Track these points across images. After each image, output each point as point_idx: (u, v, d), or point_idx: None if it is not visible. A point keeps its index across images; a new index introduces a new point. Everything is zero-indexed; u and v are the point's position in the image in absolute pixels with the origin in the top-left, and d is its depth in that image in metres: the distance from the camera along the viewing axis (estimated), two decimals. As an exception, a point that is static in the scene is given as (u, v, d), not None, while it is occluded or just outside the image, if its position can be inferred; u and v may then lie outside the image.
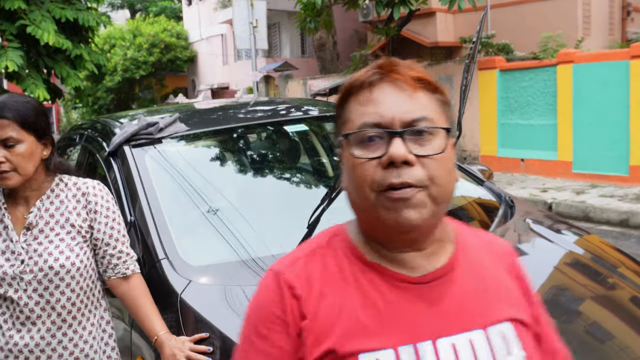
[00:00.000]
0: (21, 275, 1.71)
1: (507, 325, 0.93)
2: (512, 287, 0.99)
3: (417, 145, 0.87)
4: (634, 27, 16.04)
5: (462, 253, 0.97)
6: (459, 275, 0.94)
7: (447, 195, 0.90)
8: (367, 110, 0.90)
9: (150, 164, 2.38)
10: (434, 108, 0.91)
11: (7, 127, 1.68)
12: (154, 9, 32.57)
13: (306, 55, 22.74)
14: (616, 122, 8.20)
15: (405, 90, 0.89)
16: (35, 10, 7.73)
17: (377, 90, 0.90)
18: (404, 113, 0.88)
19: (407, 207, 0.86)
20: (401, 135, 0.87)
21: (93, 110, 25.93)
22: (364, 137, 0.89)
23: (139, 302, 1.83)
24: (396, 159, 0.85)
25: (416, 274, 0.92)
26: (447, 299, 0.91)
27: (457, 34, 15.63)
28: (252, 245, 2.09)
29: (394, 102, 0.89)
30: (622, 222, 6.77)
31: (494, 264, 1.00)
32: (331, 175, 3.09)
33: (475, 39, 2.13)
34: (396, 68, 0.91)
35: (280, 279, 0.93)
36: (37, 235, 1.75)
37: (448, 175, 0.90)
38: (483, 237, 1.06)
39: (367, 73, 0.92)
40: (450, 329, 0.89)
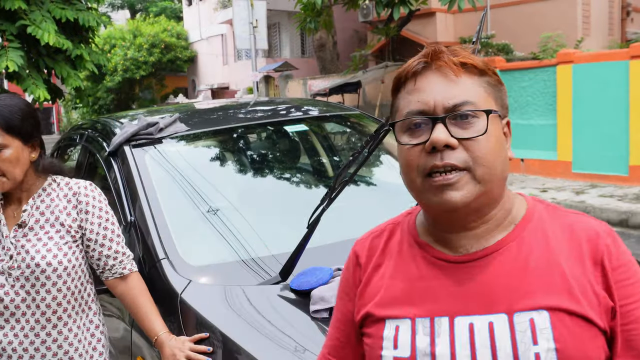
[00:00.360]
0: (9, 270, 1.72)
1: (543, 314, 0.88)
2: (576, 275, 0.90)
3: (460, 129, 0.91)
4: (634, 27, 16.04)
5: (518, 235, 0.94)
6: (501, 257, 0.93)
7: (495, 175, 0.92)
8: (412, 98, 0.95)
9: (150, 164, 2.38)
10: (478, 91, 0.93)
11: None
12: (154, 9, 32.57)
13: (306, 55, 22.74)
14: (616, 122, 8.20)
15: (448, 76, 0.93)
16: (35, 11, 7.73)
17: (422, 79, 0.94)
18: (446, 99, 0.92)
19: (451, 189, 0.89)
20: (443, 120, 0.91)
21: (93, 110, 25.94)
22: (410, 124, 0.94)
23: (138, 301, 1.83)
24: (437, 143, 0.89)
25: (457, 253, 0.96)
26: (478, 280, 0.93)
27: (457, 34, 15.63)
28: (252, 245, 2.09)
29: (436, 88, 0.93)
30: (621, 222, 6.78)
31: (563, 249, 0.92)
32: (331, 175, 3.09)
33: (475, 39, 2.13)
34: (440, 55, 0.94)
35: (353, 249, 1.09)
36: (27, 233, 1.75)
37: (494, 155, 0.91)
38: (568, 219, 0.96)
39: (413, 63, 0.96)
40: (471, 309, 0.91)
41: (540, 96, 9.31)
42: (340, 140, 4.40)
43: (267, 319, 1.72)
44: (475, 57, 0.96)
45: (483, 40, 11.13)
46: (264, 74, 17.09)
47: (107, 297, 2.08)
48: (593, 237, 0.92)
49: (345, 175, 1.92)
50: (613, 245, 0.92)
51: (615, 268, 0.90)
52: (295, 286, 1.83)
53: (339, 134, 4.53)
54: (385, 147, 2.89)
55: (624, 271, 0.90)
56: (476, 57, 0.97)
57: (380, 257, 1.03)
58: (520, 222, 0.96)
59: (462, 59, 0.94)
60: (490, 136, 0.91)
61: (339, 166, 2.90)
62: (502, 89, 0.98)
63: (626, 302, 0.89)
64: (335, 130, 3.64)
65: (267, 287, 1.89)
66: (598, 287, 0.89)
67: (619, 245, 0.93)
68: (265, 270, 1.98)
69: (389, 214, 1.15)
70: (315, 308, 1.72)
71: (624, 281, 0.90)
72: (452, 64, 0.93)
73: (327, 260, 1.93)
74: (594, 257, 0.91)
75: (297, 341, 1.62)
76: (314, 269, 1.87)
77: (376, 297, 1.00)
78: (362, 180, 2.84)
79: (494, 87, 0.96)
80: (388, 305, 0.98)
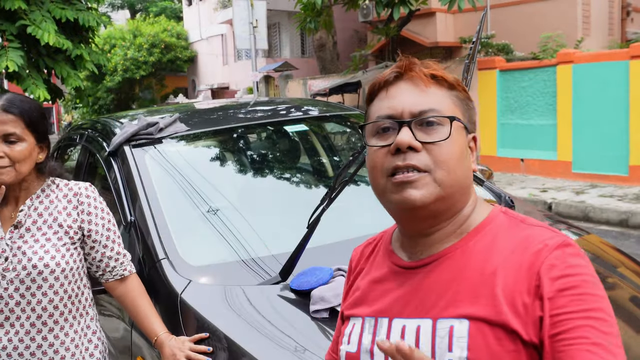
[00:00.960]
0: (3, 272, 1.68)
1: (464, 322, 0.89)
2: (508, 285, 0.88)
3: (425, 134, 0.95)
4: (634, 27, 16.04)
5: (465, 244, 0.96)
6: (443, 265, 0.96)
7: (455, 181, 0.95)
8: (382, 104, 1.00)
9: (150, 164, 2.38)
10: (446, 102, 0.98)
11: (13, 122, 1.67)
12: (154, 9, 32.57)
13: (306, 55, 22.74)
14: (616, 122, 8.21)
15: (418, 86, 0.98)
16: (35, 11, 7.73)
17: (394, 88, 1.00)
18: (414, 105, 0.97)
19: (411, 187, 0.93)
20: (409, 124, 0.95)
21: (93, 110, 25.93)
22: (378, 128, 0.99)
23: (138, 302, 1.82)
24: (401, 144, 0.94)
25: (410, 260, 1.01)
26: (419, 285, 0.97)
27: (457, 34, 15.63)
28: (252, 245, 2.09)
29: (406, 96, 0.98)
30: (621, 222, 6.77)
31: (505, 259, 0.91)
32: (331, 175, 3.09)
33: (475, 39, 2.14)
34: (413, 66, 0.99)
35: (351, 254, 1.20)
36: (24, 234, 1.72)
37: (456, 161, 0.95)
38: (526, 232, 0.94)
39: (387, 73, 1.01)
40: (407, 312, 0.97)
41: (540, 96, 9.31)
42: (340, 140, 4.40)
43: (267, 319, 1.72)
44: (445, 72, 1.00)
45: (483, 40, 11.13)
46: (264, 74, 17.09)
47: (106, 297, 2.07)
48: (538, 248, 0.90)
49: (345, 175, 1.92)
50: (561, 257, 0.88)
51: (555, 278, 0.86)
52: (295, 286, 1.83)
53: (339, 134, 4.53)
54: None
55: (565, 282, 0.86)
56: (446, 73, 1.01)
57: (364, 263, 1.13)
58: (472, 231, 0.98)
59: (433, 71, 0.99)
60: (454, 144, 0.96)
61: (339, 166, 2.90)
62: (471, 105, 1.03)
63: (558, 313, 0.84)
64: (335, 130, 3.64)
65: (267, 287, 1.89)
66: (529, 298, 0.86)
67: (570, 259, 0.88)
68: (265, 270, 1.98)
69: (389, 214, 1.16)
70: (315, 308, 1.72)
71: (562, 291, 0.85)
72: (423, 75, 0.98)
73: (327, 260, 1.93)
74: (532, 267, 0.88)
75: (297, 341, 1.62)
76: (314, 269, 1.87)
77: (350, 299, 1.10)
78: (362, 180, 2.84)
79: (462, 101, 1.01)
80: (353, 306, 1.08)
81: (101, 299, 2.17)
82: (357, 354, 1.00)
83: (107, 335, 1.99)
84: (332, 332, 1.67)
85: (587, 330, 0.82)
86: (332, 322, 1.69)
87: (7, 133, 1.66)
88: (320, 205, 1.88)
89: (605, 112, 8.33)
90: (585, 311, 0.84)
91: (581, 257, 0.90)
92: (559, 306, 0.84)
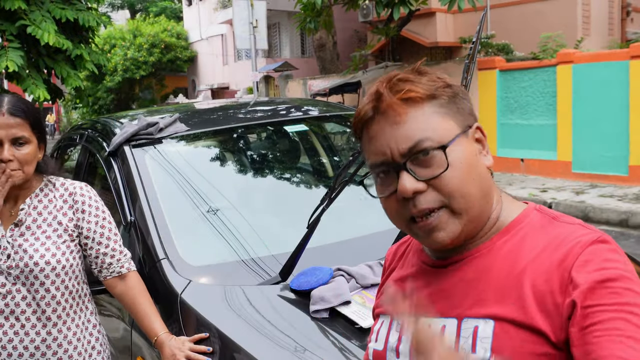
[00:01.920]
0: (8, 270, 1.73)
1: (489, 322, 0.87)
2: (538, 285, 0.84)
3: (424, 168, 0.90)
4: (634, 27, 16.04)
5: (493, 243, 0.94)
6: (470, 264, 0.94)
7: (473, 201, 0.91)
8: (370, 149, 0.94)
9: (150, 164, 2.38)
10: (431, 121, 0.90)
11: (21, 126, 1.70)
12: (154, 9, 32.57)
13: (306, 55, 22.74)
14: (616, 122, 8.20)
15: (394, 118, 0.90)
16: (35, 11, 7.73)
17: (373, 125, 0.93)
18: (399, 144, 0.90)
19: (436, 231, 0.91)
20: (404, 167, 0.90)
21: (93, 110, 25.93)
22: (378, 175, 0.95)
23: (138, 301, 1.83)
24: (405, 194, 0.90)
25: (439, 258, 1.00)
26: (445, 284, 0.96)
27: (457, 34, 15.63)
28: (252, 245, 2.09)
29: (387, 135, 0.91)
30: (621, 222, 6.77)
31: (536, 259, 0.87)
32: (331, 175, 3.09)
33: (475, 39, 2.13)
34: (382, 97, 0.91)
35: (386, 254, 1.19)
36: (24, 232, 1.76)
37: (465, 183, 0.90)
38: (559, 229, 0.90)
39: (363, 109, 0.94)
40: (433, 311, 0.94)
41: (540, 96, 9.31)
42: (340, 140, 4.39)
43: (267, 319, 1.72)
44: (418, 84, 0.91)
45: (483, 40, 11.13)
46: (264, 74, 17.09)
47: (106, 297, 2.07)
48: (571, 245, 0.85)
49: (345, 175, 1.92)
50: (596, 252, 0.84)
51: (589, 272, 0.81)
52: (295, 286, 1.83)
53: (339, 134, 4.53)
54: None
55: (600, 275, 0.81)
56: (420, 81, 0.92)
57: (396, 262, 1.13)
58: (502, 230, 0.95)
59: (403, 95, 0.90)
60: (457, 165, 0.89)
61: (339, 166, 2.90)
62: (459, 100, 0.94)
63: (591, 304, 0.79)
64: (335, 130, 3.64)
65: (267, 287, 1.89)
66: (561, 297, 0.82)
67: (606, 254, 0.84)
68: (265, 270, 1.98)
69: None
70: (315, 308, 1.72)
71: (597, 284, 0.80)
72: (395, 105, 0.90)
73: (327, 260, 1.93)
74: (564, 264, 0.84)
75: (297, 341, 1.62)
76: (314, 269, 1.87)
77: (382, 295, 1.12)
78: (362, 180, 2.83)
79: (449, 104, 0.92)
80: (383, 304, 1.08)
81: (101, 299, 2.18)
82: (383, 351, 1.00)
83: (107, 335, 1.99)
84: (332, 332, 1.67)
85: (621, 322, 0.77)
86: (332, 322, 1.70)
87: (17, 137, 1.70)
88: (320, 205, 1.88)
89: (605, 112, 8.32)
90: (620, 304, 0.79)
91: (618, 253, 0.85)
92: (593, 298, 0.80)
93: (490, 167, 0.96)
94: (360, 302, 1.76)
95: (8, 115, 1.69)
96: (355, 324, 1.66)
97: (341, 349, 1.60)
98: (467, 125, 0.94)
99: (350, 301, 1.75)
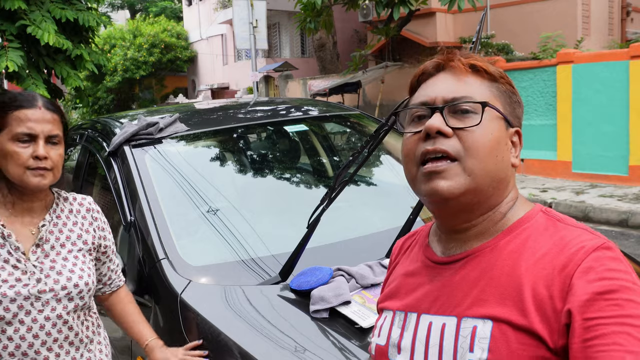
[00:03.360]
0: (38, 294, 1.52)
1: (487, 323, 0.86)
2: (538, 289, 0.84)
3: (457, 121, 0.93)
4: (634, 27, 16.04)
5: (497, 243, 0.93)
6: (473, 263, 0.94)
7: (486, 172, 0.92)
8: (420, 94, 1.00)
9: (150, 164, 2.38)
10: (483, 92, 0.96)
11: (57, 123, 1.56)
12: (154, 9, 32.57)
13: (306, 55, 22.74)
14: (616, 122, 8.20)
15: (456, 75, 0.97)
16: (35, 11, 7.73)
17: (432, 79, 1.00)
18: (448, 92, 0.95)
19: (439, 178, 0.91)
20: (441, 110, 0.94)
21: (93, 110, 25.92)
22: (413, 116, 0.99)
23: (127, 310, 1.81)
24: (430, 129, 0.92)
25: (443, 255, 0.99)
26: (448, 282, 0.96)
27: (457, 34, 15.63)
28: (252, 245, 2.09)
29: (442, 85, 0.97)
30: (621, 222, 6.77)
31: (538, 261, 0.87)
32: (331, 175, 3.09)
33: (475, 39, 2.13)
34: (452, 57, 0.99)
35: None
36: (49, 253, 1.58)
37: (488, 151, 0.92)
38: (563, 232, 0.90)
39: (427, 65, 1.01)
40: (435, 308, 0.95)
41: (540, 96, 9.31)
42: (340, 140, 4.40)
43: (267, 319, 1.72)
44: (488, 64, 0.98)
45: (483, 40, 11.13)
46: (264, 74, 17.09)
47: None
48: (575, 250, 0.85)
49: (345, 175, 1.92)
50: (599, 259, 0.83)
51: (591, 281, 0.80)
52: (295, 286, 1.83)
53: (339, 134, 4.53)
54: (385, 147, 2.89)
55: (601, 285, 0.80)
56: (490, 65, 0.98)
57: (401, 256, 1.13)
58: (506, 229, 0.94)
59: (472, 61, 0.97)
60: (487, 132, 0.92)
61: (339, 166, 2.90)
62: (515, 98, 0.99)
63: (592, 317, 0.78)
64: (335, 130, 3.64)
65: (267, 287, 1.89)
66: (561, 303, 0.82)
67: (609, 262, 0.83)
68: (265, 270, 1.98)
69: (389, 215, 1.16)
70: (315, 308, 1.72)
71: (598, 295, 0.79)
72: (461, 65, 0.97)
73: (327, 260, 1.93)
74: (566, 269, 0.83)
75: (297, 341, 1.62)
76: (314, 269, 1.87)
77: (385, 291, 1.11)
78: (362, 180, 2.84)
79: (504, 93, 0.98)
80: (386, 298, 1.08)
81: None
82: (385, 347, 1.00)
83: (107, 336, 1.99)
84: (332, 332, 1.67)
85: (623, 337, 0.76)
86: (332, 322, 1.70)
87: (52, 134, 1.54)
88: (320, 205, 1.88)
89: (605, 112, 8.32)
90: (622, 317, 0.78)
91: (621, 262, 0.83)
92: (594, 310, 0.79)
93: (515, 166, 0.97)
94: (360, 302, 1.76)
95: (45, 110, 1.54)
96: (355, 324, 1.66)
97: (341, 349, 1.60)
98: (512, 121, 0.98)
99: (350, 301, 1.75)
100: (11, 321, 1.50)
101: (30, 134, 1.51)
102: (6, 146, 1.51)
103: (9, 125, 1.51)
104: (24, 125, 1.51)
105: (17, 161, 1.50)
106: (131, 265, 2.11)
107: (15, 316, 1.50)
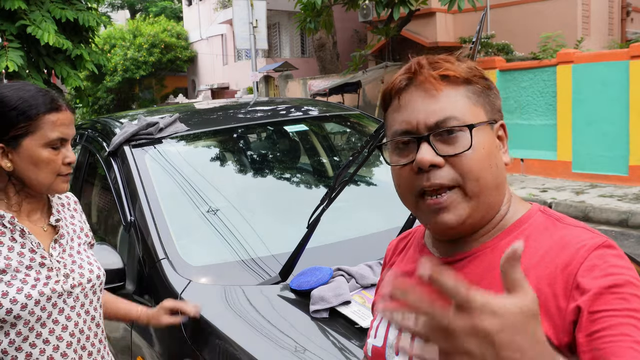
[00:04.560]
0: (70, 289, 1.47)
1: None
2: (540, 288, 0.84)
3: (446, 145, 0.90)
4: (634, 27, 16.05)
5: (496, 243, 0.93)
6: (472, 263, 0.93)
7: (486, 187, 0.91)
8: (397, 117, 0.94)
9: (150, 164, 2.38)
10: (462, 103, 0.92)
11: (74, 124, 1.48)
12: (154, 9, 32.58)
13: (306, 55, 22.75)
14: (615, 122, 8.20)
15: (429, 92, 0.91)
16: (35, 11, 7.73)
17: (405, 95, 0.93)
18: (427, 116, 0.90)
19: (444, 212, 0.90)
20: (427, 139, 0.90)
21: (93, 110, 25.92)
22: (398, 144, 0.94)
23: (105, 297, 1.75)
24: (422, 165, 0.89)
25: (442, 256, 0.98)
26: None
27: (456, 34, 15.63)
28: (252, 245, 2.09)
29: (418, 106, 0.92)
30: (621, 222, 6.77)
31: (539, 260, 0.87)
32: (331, 175, 3.09)
33: (475, 39, 2.13)
34: (421, 70, 0.92)
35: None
36: (65, 247, 1.53)
37: (482, 168, 0.90)
38: (563, 231, 0.90)
39: (397, 79, 0.95)
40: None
41: (540, 96, 9.31)
42: (340, 140, 4.40)
43: (267, 319, 1.72)
44: (458, 66, 0.93)
45: (483, 40, 11.13)
46: (264, 74, 17.09)
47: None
48: (576, 248, 0.85)
49: (345, 175, 1.92)
50: (603, 257, 0.83)
51: (596, 277, 0.81)
52: (295, 286, 1.83)
53: (339, 134, 4.53)
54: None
55: (607, 281, 0.80)
56: (459, 66, 0.93)
57: (395, 257, 1.12)
58: (506, 229, 0.94)
59: (443, 72, 0.92)
60: (478, 149, 0.90)
61: (339, 166, 2.90)
62: (492, 93, 0.97)
63: (598, 310, 0.79)
64: (335, 130, 3.64)
65: (267, 287, 1.89)
66: (564, 301, 0.82)
67: (612, 259, 0.83)
68: (265, 270, 1.98)
69: (389, 215, 1.17)
70: (315, 308, 1.72)
71: (604, 289, 0.80)
72: (433, 79, 0.91)
73: (327, 260, 1.93)
74: (568, 268, 0.83)
75: (297, 341, 1.62)
76: (314, 269, 1.87)
77: (380, 292, 1.12)
78: (362, 180, 2.84)
79: (481, 94, 0.95)
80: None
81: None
82: (382, 348, 1.00)
83: (107, 336, 1.99)
84: (332, 332, 1.67)
85: (630, 328, 0.76)
86: (332, 322, 1.70)
87: (72, 136, 1.47)
88: (320, 205, 1.88)
89: (605, 112, 8.32)
90: (628, 310, 0.78)
91: (624, 259, 0.84)
92: (600, 303, 0.79)
93: (507, 164, 0.96)
94: (360, 302, 1.76)
95: (68, 111, 1.45)
96: (355, 324, 1.66)
97: (341, 349, 1.60)
98: (493, 118, 0.96)
99: (350, 301, 1.75)
100: (45, 322, 1.42)
101: (62, 139, 1.43)
102: (37, 152, 1.40)
103: (40, 129, 1.40)
104: (57, 130, 1.41)
105: (52, 169, 1.42)
106: (131, 265, 2.11)
107: (50, 315, 1.43)
